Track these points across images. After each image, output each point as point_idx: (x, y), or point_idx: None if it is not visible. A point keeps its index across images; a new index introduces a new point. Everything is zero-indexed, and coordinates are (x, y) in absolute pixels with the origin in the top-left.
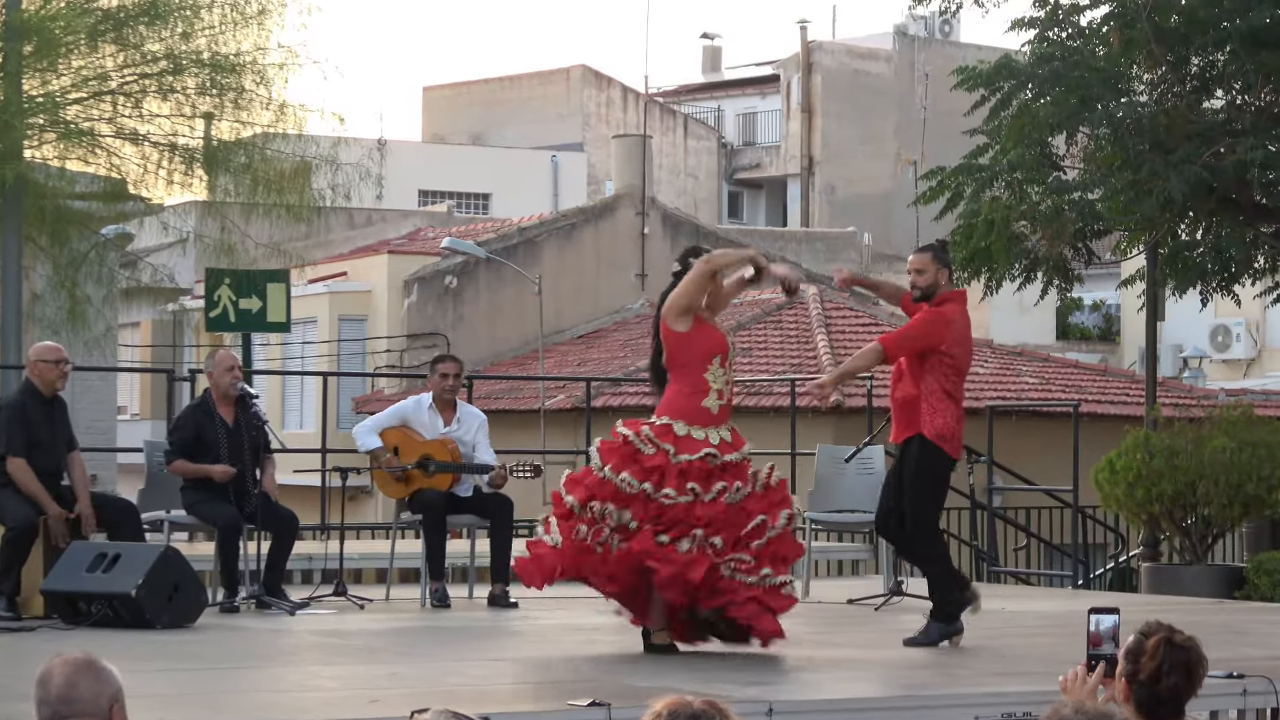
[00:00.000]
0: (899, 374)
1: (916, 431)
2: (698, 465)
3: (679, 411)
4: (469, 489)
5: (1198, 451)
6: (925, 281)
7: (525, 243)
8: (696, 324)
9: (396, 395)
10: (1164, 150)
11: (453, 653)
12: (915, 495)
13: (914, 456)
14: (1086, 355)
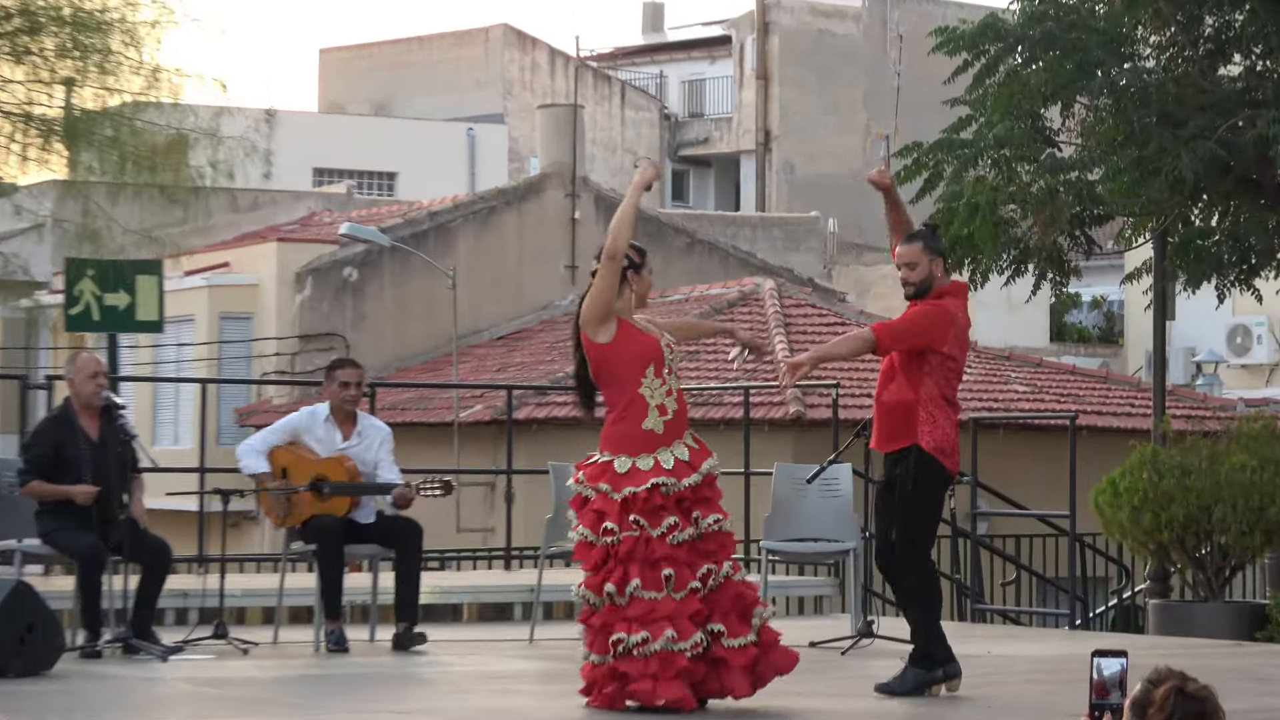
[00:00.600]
0: (889, 374)
1: (912, 442)
2: (642, 496)
3: (617, 442)
4: (370, 514)
5: (1213, 470)
6: (919, 277)
7: (437, 229)
8: (621, 330)
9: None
10: (1174, 124)
11: (351, 704)
12: (908, 517)
13: (910, 472)
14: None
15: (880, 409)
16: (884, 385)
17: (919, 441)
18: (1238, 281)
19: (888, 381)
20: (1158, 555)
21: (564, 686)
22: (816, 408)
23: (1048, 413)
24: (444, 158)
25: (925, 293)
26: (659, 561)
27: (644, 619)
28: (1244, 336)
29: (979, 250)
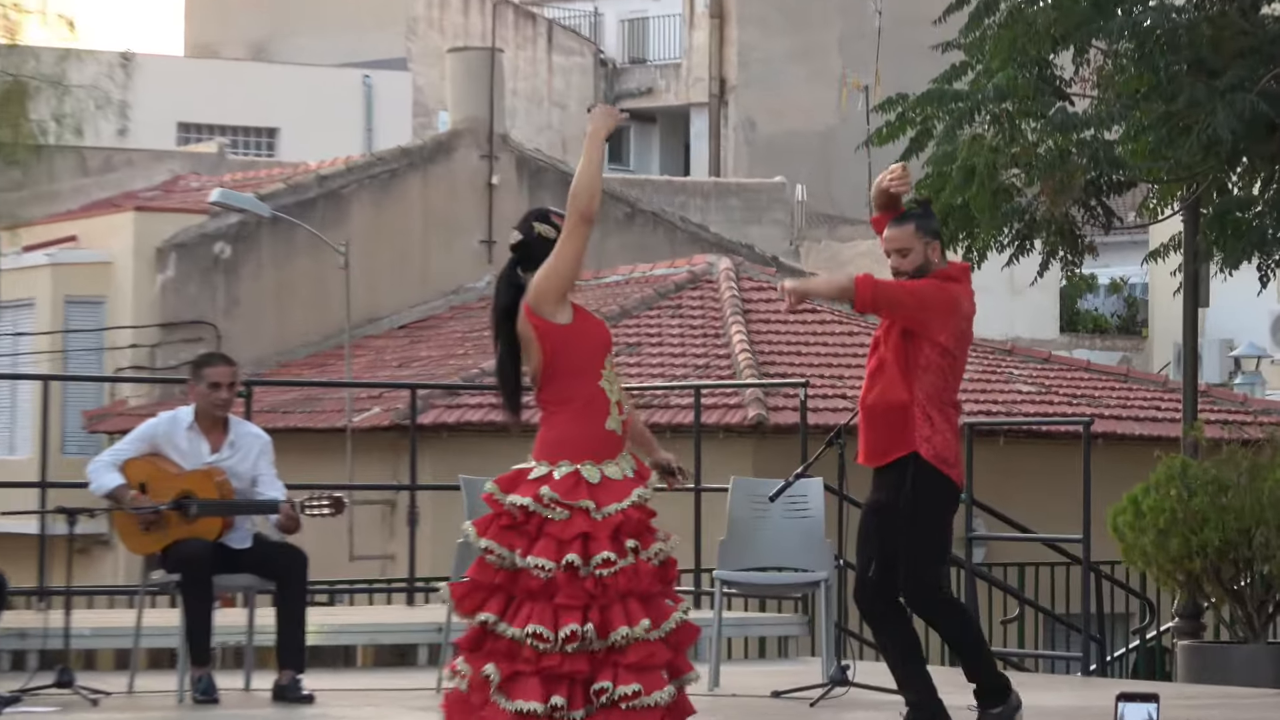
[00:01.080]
0: (878, 372)
1: (910, 450)
2: (635, 516)
3: (580, 445)
4: (246, 538)
5: (1254, 487)
6: (912, 264)
7: (326, 196)
8: (577, 311)
9: (145, 408)
10: (1208, 73)
11: None
12: (916, 539)
13: (910, 485)
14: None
15: (868, 415)
16: (871, 386)
17: (917, 449)
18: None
19: (876, 380)
20: (1188, 587)
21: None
22: (781, 411)
23: (1057, 417)
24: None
25: None
26: (651, 596)
27: (641, 665)
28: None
29: (976, 223)
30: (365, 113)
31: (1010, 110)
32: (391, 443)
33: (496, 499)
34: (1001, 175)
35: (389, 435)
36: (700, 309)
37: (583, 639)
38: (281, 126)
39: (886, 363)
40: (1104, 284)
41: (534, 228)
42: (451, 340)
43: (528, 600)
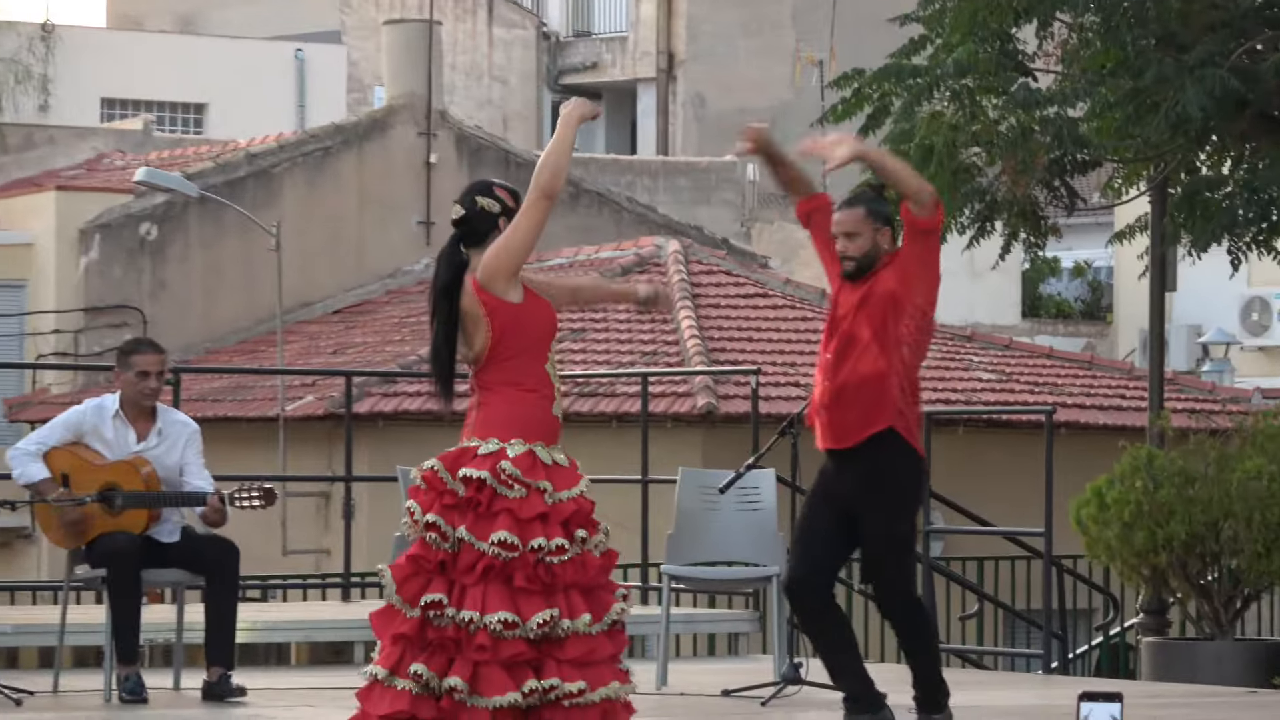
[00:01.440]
0: (848, 347)
1: (886, 425)
2: (586, 507)
3: (532, 426)
4: (174, 531)
5: (1222, 478)
6: (860, 250)
7: (257, 175)
8: (527, 290)
9: (68, 396)
10: (1177, 47)
11: None
12: (893, 526)
13: (886, 465)
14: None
15: (838, 393)
16: (844, 360)
17: (894, 424)
18: (1255, 243)
19: (846, 358)
20: (1153, 582)
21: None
22: (731, 400)
23: (1018, 406)
24: (266, 86)
25: (869, 268)
26: (594, 589)
27: (582, 661)
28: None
29: None
30: (297, 88)
31: (970, 86)
32: (326, 432)
33: (441, 476)
34: (961, 154)
35: (323, 425)
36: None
37: (553, 625)
38: (210, 102)
39: (858, 338)
40: (1067, 267)
41: (476, 201)
42: (388, 325)
43: (478, 583)
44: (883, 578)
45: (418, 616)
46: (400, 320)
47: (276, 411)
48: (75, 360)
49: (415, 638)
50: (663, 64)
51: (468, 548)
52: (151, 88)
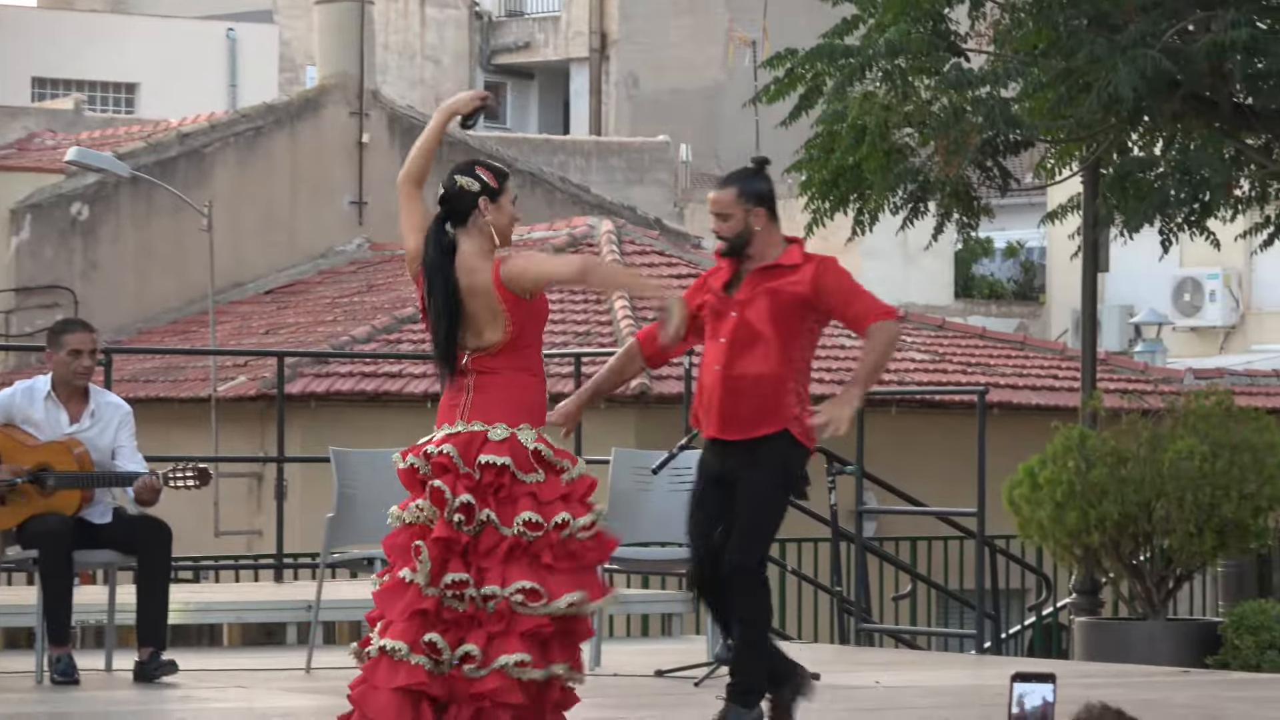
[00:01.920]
0: (746, 339)
1: (781, 427)
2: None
3: (535, 411)
4: (106, 512)
5: (1154, 458)
6: (732, 230)
7: (189, 155)
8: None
9: (0, 377)
10: (1109, 28)
11: None
12: (759, 519)
13: (772, 463)
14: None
15: (733, 384)
16: (737, 353)
17: (789, 427)
18: (1186, 224)
19: (745, 349)
20: (1085, 562)
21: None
22: (664, 380)
23: (951, 386)
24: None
25: (741, 249)
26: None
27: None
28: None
29: (867, 185)
30: (229, 68)
31: (903, 67)
32: (258, 413)
33: (456, 461)
34: (894, 135)
35: (255, 405)
36: None
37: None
38: (141, 82)
39: (759, 332)
40: (1000, 248)
41: (456, 181)
42: (320, 306)
43: (501, 563)
44: (737, 561)
45: (437, 595)
46: (333, 300)
47: (209, 392)
48: (6, 341)
49: (434, 615)
50: (595, 44)
51: (490, 530)
52: (83, 67)
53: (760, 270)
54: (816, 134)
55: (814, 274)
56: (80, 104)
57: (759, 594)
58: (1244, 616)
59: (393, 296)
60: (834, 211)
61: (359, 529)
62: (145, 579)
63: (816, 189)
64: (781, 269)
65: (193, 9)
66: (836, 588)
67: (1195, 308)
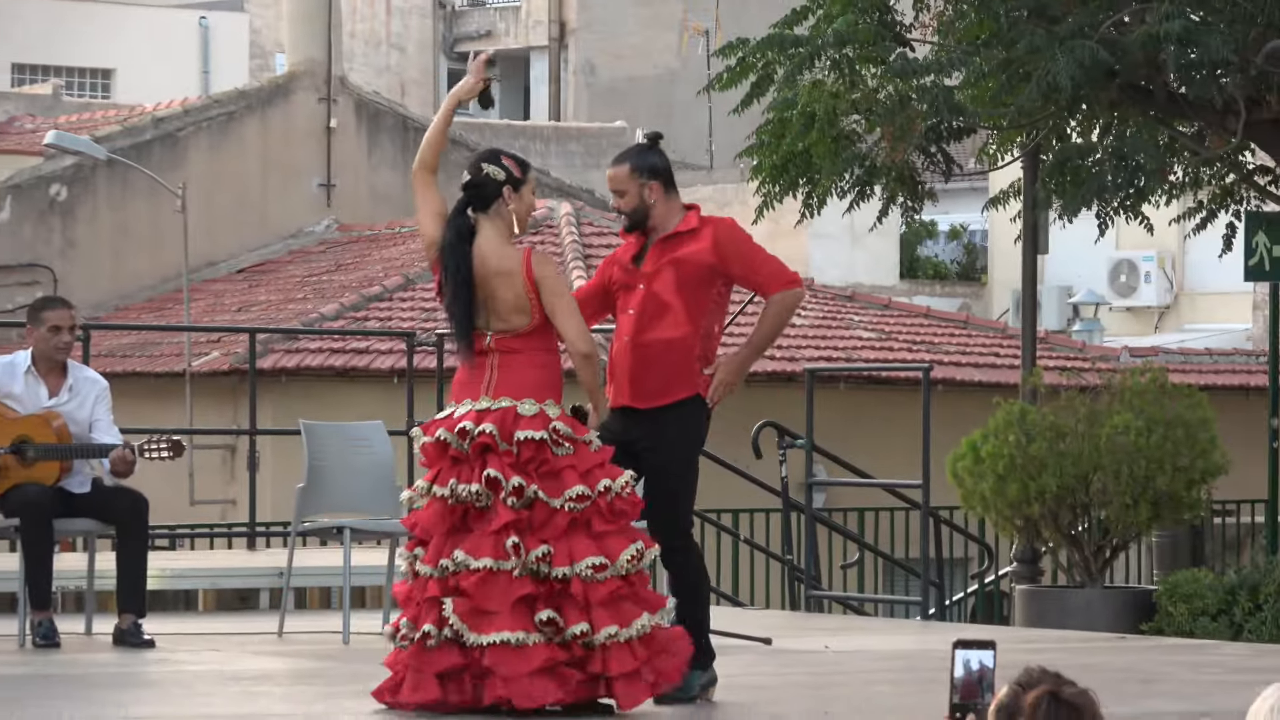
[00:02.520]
0: (655, 309)
1: (692, 392)
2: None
3: (558, 387)
4: (85, 482)
5: (1092, 433)
6: (629, 204)
7: (163, 139)
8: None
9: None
10: (1048, 19)
11: (63, 709)
12: (683, 483)
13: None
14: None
15: (641, 352)
16: (645, 324)
17: (700, 390)
18: (1122, 209)
19: (652, 319)
20: (1026, 532)
21: (321, 688)
22: None
23: (897, 364)
24: (171, 52)
25: (641, 224)
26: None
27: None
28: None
29: (816, 169)
30: (202, 55)
31: (851, 56)
32: (231, 387)
33: (497, 440)
34: (842, 121)
35: (228, 379)
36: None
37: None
38: (117, 68)
39: (666, 303)
40: (944, 231)
41: (483, 168)
42: (291, 284)
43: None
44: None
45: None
46: (302, 279)
47: (183, 367)
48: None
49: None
50: (554, 33)
51: (540, 505)
52: (60, 54)
53: (663, 241)
54: (767, 120)
55: (713, 238)
56: (58, 89)
57: (690, 563)
58: (1177, 585)
59: (360, 275)
60: (784, 195)
61: (328, 499)
62: (124, 547)
63: (767, 173)
64: (681, 236)
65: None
66: (787, 556)
67: (1131, 289)
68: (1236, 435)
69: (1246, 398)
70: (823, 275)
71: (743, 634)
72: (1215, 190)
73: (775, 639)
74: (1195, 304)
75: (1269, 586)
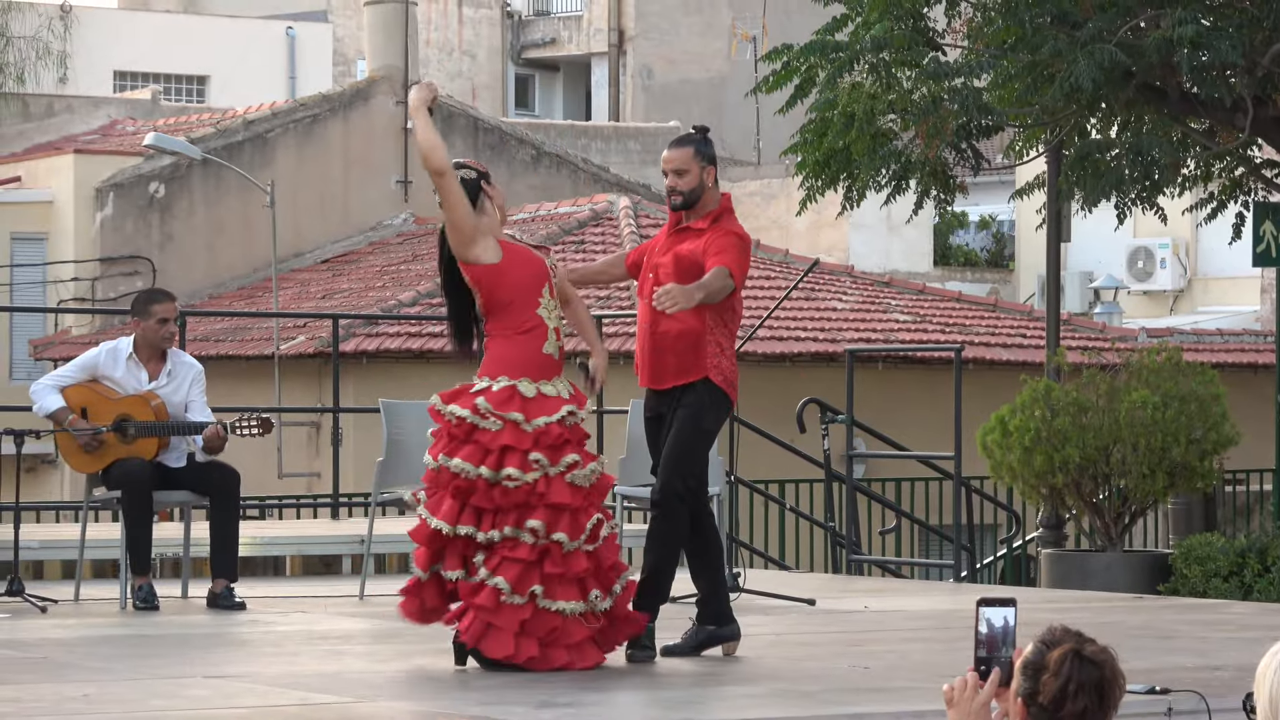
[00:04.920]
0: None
1: (701, 375)
2: (555, 430)
3: (519, 364)
4: (181, 457)
5: (1112, 408)
6: (688, 185)
7: (253, 140)
8: (506, 248)
9: (87, 337)
10: (1070, 24)
11: (162, 668)
12: (694, 454)
13: (699, 405)
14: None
15: (658, 341)
16: (658, 312)
17: (708, 374)
18: (1139, 199)
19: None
20: (1051, 501)
21: (399, 647)
22: None
23: (931, 344)
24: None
25: (694, 203)
26: (562, 508)
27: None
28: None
29: (855, 165)
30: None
31: (887, 60)
32: (316, 369)
33: (438, 410)
34: (879, 120)
35: (314, 362)
36: (601, 244)
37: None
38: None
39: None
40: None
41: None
42: (371, 273)
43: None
44: (672, 492)
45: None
46: (381, 269)
47: (272, 350)
48: (92, 305)
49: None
50: (614, 40)
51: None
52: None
53: (676, 232)
54: (810, 120)
55: (707, 239)
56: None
57: (675, 520)
58: (1192, 548)
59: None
60: (826, 189)
61: (406, 471)
62: (217, 517)
63: (810, 169)
64: (690, 232)
65: (257, 9)
66: (830, 523)
67: (1148, 274)
68: (1246, 410)
69: (1255, 375)
70: (862, 263)
71: (788, 595)
72: (1225, 182)
73: (818, 600)
74: (1208, 288)
75: (1277, 550)
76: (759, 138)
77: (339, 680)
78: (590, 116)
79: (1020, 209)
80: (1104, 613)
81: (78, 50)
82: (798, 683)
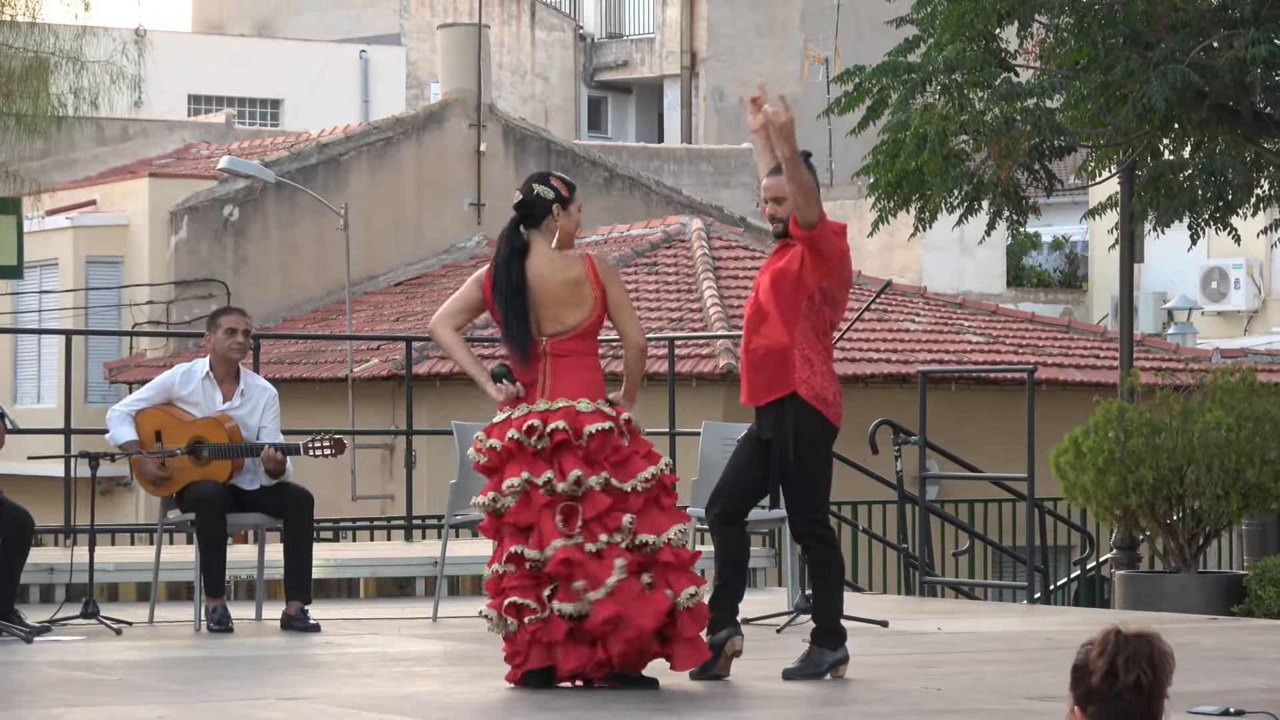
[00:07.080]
0: (757, 317)
1: (790, 390)
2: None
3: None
4: (255, 480)
5: (1186, 429)
6: (787, 211)
7: (327, 163)
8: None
9: (161, 360)
10: (1143, 45)
11: (236, 690)
12: (808, 474)
13: (792, 423)
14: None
15: (751, 358)
16: (753, 330)
17: (797, 389)
18: (1212, 220)
19: (758, 325)
20: (1124, 522)
21: (472, 669)
22: None
23: (1004, 365)
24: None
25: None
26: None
27: None
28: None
29: (928, 186)
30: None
31: (959, 81)
32: (389, 391)
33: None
34: (951, 141)
35: (387, 384)
36: (674, 266)
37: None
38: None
39: (766, 310)
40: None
41: (534, 189)
42: (444, 296)
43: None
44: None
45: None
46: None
47: (346, 373)
48: (167, 328)
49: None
50: (686, 62)
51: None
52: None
53: (776, 250)
54: (882, 141)
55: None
56: (231, 118)
57: (825, 549)
58: (1266, 569)
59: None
60: (898, 210)
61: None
62: (291, 539)
63: (883, 190)
64: (787, 245)
65: (330, 33)
66: (902, 545)
67: (1221, 294)
68: None
69: None
70: (934, 284)
71: (862, 617)
72: None
73: (891, 621)
74: None
75: None
76: (831, 159)
77: (412, 702)
78: (663, 139)
79: (1093, 229)
80: (1178, 634)
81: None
82: (871, 705)
